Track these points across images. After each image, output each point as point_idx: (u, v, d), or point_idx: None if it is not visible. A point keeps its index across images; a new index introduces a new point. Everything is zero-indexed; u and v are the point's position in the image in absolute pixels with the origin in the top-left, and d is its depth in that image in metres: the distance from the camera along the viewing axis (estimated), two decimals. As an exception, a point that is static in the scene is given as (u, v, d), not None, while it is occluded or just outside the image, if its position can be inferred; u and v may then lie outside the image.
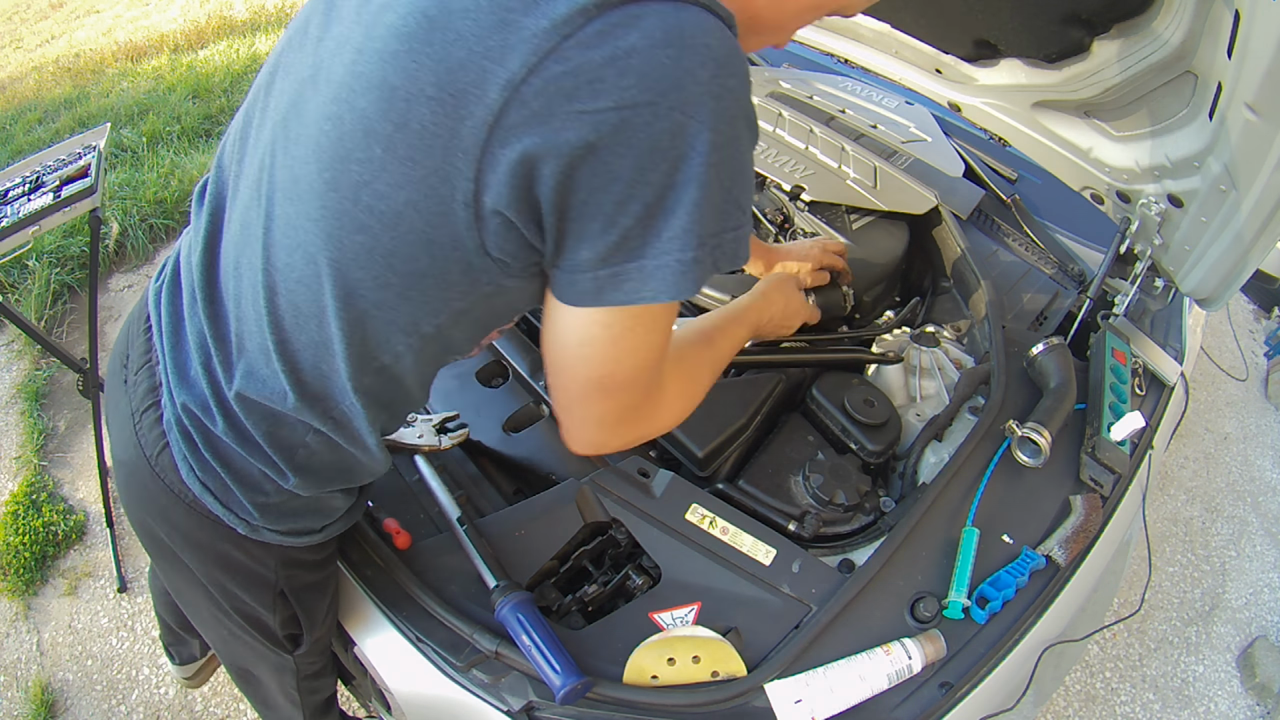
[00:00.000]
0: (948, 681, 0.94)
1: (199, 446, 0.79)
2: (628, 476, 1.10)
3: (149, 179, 3.63)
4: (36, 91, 4.93)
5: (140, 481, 0.85)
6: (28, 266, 3.17)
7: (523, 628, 0.93)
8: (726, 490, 1.12)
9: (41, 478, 2.49)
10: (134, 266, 3.37)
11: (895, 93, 1.79)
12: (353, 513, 0.96)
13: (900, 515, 1.06)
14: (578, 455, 1.07)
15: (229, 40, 5.29)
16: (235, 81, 4.64)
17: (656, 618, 0.99)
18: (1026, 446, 1.12)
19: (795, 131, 1.61)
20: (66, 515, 2.35)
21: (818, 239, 1.33)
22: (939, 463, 1.14)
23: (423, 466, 1.16)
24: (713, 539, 1.03)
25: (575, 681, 0.88)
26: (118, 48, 5.30)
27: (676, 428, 1.14)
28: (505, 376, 1.36)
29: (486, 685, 0.97)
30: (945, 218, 1.49)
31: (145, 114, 4.28)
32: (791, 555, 1.02)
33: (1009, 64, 1.32)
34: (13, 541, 2.23)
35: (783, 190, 1.52)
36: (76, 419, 2.69)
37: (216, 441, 0.79)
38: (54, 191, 1.75)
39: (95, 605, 2.13)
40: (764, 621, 0.97)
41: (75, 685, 1.97)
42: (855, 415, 1.17)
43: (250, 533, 0.84)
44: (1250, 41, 0.85)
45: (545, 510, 1.11)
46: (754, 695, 0.92)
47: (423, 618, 1.02)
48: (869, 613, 0.97)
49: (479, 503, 1.21)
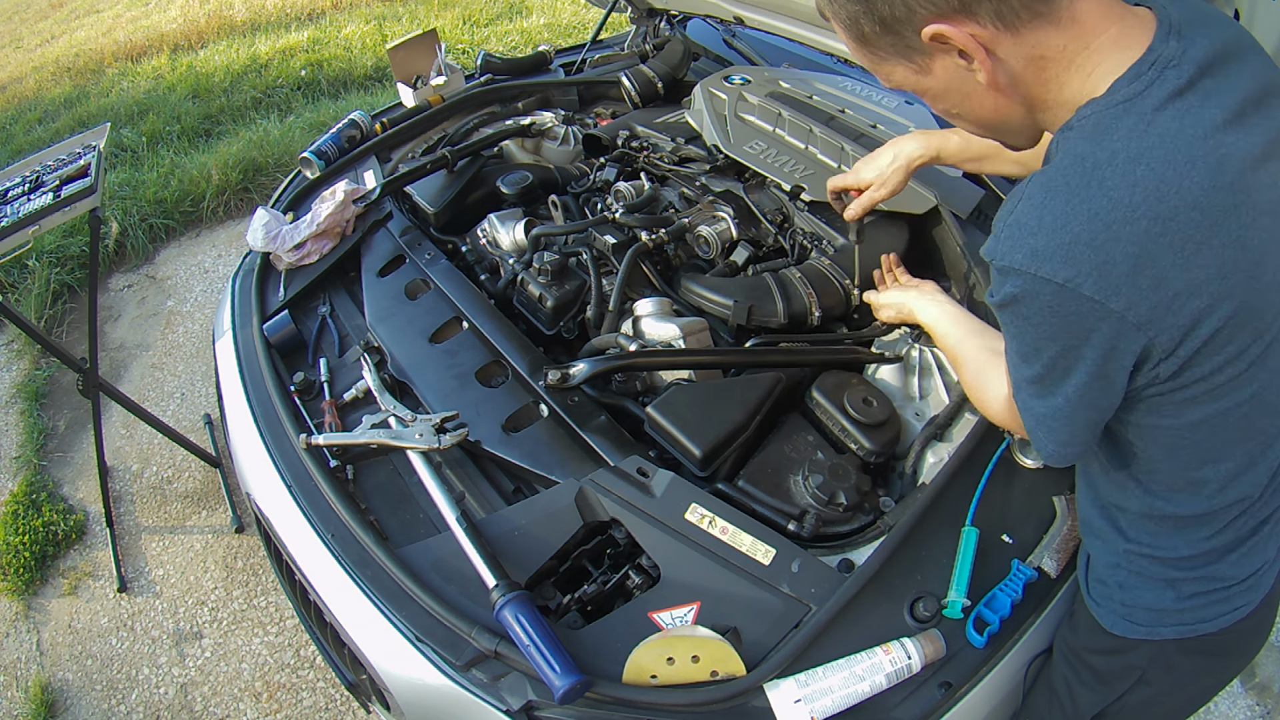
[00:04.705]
0: (948, 681, 0.94)
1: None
2: (627, 476, 1.10)
3: (149, 179, 3.63)
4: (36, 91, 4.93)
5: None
6: (28, 266, 3.17)
7: (522, 627, 0.93)
8: (726, 490, 1.12)
9: (41, 477, 2.49)
10: (134, 266, 3.37)
11: (895, 92, 1.79)
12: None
13: (900, 515, 1.06)
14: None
15: (229, 40, 5.30)
16: (235, 81, 4.64)
17: (656, 617, 0.99)
18: (1026, 448, 1.12)
19: (795, 131, 1.61)
20: (66, 515, 2.35)
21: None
22: (939, 463, 1.14)
23: (422, 466, 1.16)
24: (712, 539, 1.03)
25: (574, 681, 0.88)
26: (117, 47, 5.30)
27: (676, 427, 1.14)
28: (505, 376, 1.36)
29: (486, 684, 0.97)
30: (945, 217, 1.49)
31: (145, 114, 4.28)
32: (791, 555, 1.02)
33: (1009, 64, 1.32)
34: (13, 541, 2.23)
35: (783, 190, 1.52)
36: (76, 419, 2.70)
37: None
38: (54, 191, 1.76)
39: (95, 605, 2.13)
40: (763, 621, 0.97)
41: (75, 685, 1.97)
42: (855, 415, 1.17)
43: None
44: (1250, 41, 0.85)
45: (545, 510, 1.11)
46: (753, 695, 0.92)
47: (422, 617, 1.02)
48: (868, 612, 0.97)
49: (479, 503, 1.21)
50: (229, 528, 2.27)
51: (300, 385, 1.36)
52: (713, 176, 1.61)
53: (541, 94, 2.14)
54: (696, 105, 1.74)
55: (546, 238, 1.53)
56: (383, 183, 1.73)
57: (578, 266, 1.50)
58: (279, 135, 3.90)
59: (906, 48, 0.68)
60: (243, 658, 1.97)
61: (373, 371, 1.34)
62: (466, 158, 1.80)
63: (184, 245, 3.48)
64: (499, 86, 2.10)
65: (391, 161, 1.92)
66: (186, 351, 2.92)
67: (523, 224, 1.61)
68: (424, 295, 1.51)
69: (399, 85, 2.07)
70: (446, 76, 2.09)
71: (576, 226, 1.52)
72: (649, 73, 2.00)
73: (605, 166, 1.77)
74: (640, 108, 1.99)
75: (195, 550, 2.23)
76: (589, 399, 1.27)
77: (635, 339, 1.32)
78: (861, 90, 1.75)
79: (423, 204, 1.73)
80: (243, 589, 2.12)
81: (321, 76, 4.67)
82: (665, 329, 1.32)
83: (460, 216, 1.75)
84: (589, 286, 1.44)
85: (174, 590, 2.14)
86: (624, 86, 2.00)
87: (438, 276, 1.52)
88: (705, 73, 1.92)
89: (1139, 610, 0.87)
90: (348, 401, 1.35)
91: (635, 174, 1.76)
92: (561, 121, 1.98)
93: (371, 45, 4.99)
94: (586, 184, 1.79)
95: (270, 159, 3.76)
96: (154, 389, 2.77)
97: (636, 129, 1.80)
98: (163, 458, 2.50)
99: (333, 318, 1.54)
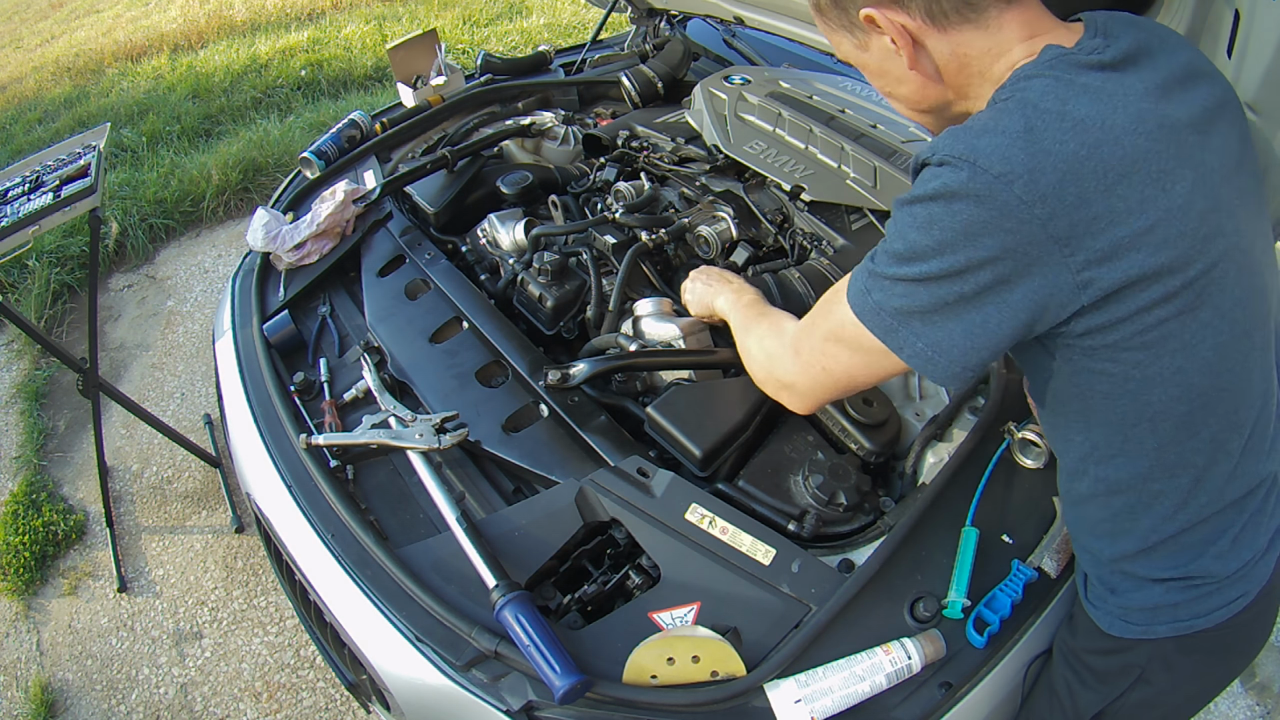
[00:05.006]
0: (948, 681, 0.94)
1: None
2: (627, 476, 1.10)
3: (149, 179, 3.64)
4: (36, 91, 4.94)
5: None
6: (28, 266, 3.17)
7: (522, 627, 0.93)
8: (726, 490, 1.12)
9: (41, 477, 2.49)
10: (134, 266, 3.37)
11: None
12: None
13: (900, 515, 1.06)
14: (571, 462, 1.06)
15: (229, 40, 5.30)
16: (235, 81, 4.64)
17: (656, 617, 0.99)
18: (1027, 449, 1.12)
19: (795, 131, 1.61)
20: (66, 515, 2.35)
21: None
22: (939, 463, 1.14)
23: (422, 466, 1.16)
24: (712, 539, 1.03)
25: (574, 681, 0.88)
26: (117, 47, 5.31)
27: (676, 427, 1.14)
28: (505, 376, 1.36)
29: (486, 685, 0.97)
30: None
31: (145, 114, 4.28)
32: (791, 555, 1.02)
33: (1009, 64, 1.32)
34: (13, 541, 2.23)
35: (783, 190, 1.52)
36: (76, 419, 2.70)
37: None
38: (54, 191, 1.76)
39: (95, 605, 2.13)
40: (764, 621, 0.97)
41: (75, 685, 1.97)
42: (855, 415, 1.17)
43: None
44: (1250, 41, 0.85)
45: (545, 510, 1.11)
46: (753, 695, 0.92)
47: (422, 617, 1.02)
48: (869, 612, 0.97)
49: (479, 503, 1.21)
50: (229, 528, 2.27)
51: (300, 385, 1.36)
52: (713, 176, 1.61)
53: (541, 94, 2.14)
54: (696, 105, 1.74)
55: (546, 238, 1.53)
56: (383, 183, 1.73)
57: (578, 266, 1.50)
58: (279, 135, 3.90)
59: (850, 23, 0.77)
60: (243, 658, 1.97)
61: (373, 371, 1.34)
62: (466, 158, 1.80)
63: (184, 245, 3.48)
64: (499, 86, 2.10)
65: (391, 161, 1.92)
66: (186, 351, 2.92)
67: (523, 224, 1.61)
68: (424, 295, 1.51)
69: (399, 85, 2.07)
70: (446, 76, 2.09)
71: (576, 226, 1.52)
72: (649, 73, 2.00)
73: (605, 166, 1.77)
74: (640, 108, 1.99)
75: (195, 550, 2.23)
76: (589, 399, 1.27)
77: (635, 339, 1.32)
78: (861, 90, 1.75)
79: (423, 204, 1.74)
80: (243, 589, 2.12)
81: (321, 76, 4.67)
82: (665, 329, 1.32)
83: (460, 216, 1.75)
84: (589, 286, 1.44)
85: (174, 590, 2.14)
86: (624, 86, 2.00)
87: (438, 276, 1.52)
88: (705, 73, 1.92)
89: (1133, 611, 0.87)
90: (348, 401, 1.35)
91: (635, 174, 1.76)
92: (561, 121, 1.98)
93: (371, 45, 5.00)
94: (586, 184, 1.79)
95: (270, 159, 3.76)
96: (154, 389, 2.77)
97: (636, 129, 1.80)
98: (163, 458, 2.50)
99: (333, 318, 1.54)
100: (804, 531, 1.07)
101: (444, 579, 1.06)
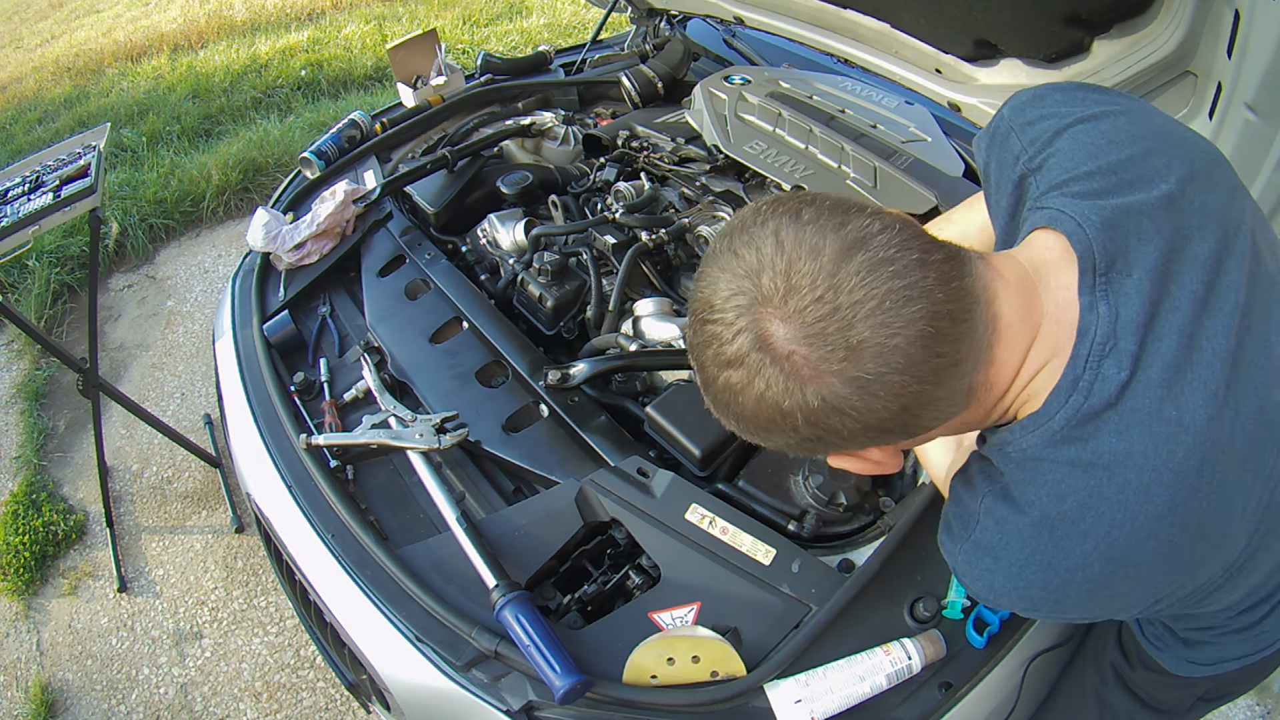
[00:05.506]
0: (948, 681, 0.94)
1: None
2: (627, 476, 1.10)
3: (149, 179, 3.63)
4: (36, 91, 4.93)
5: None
6: (28, 266, 3.17)
7: (522, 627, 0.93)
8: (726, 490, 1.12)
9: (41, 477, 2.49)
10: (134, 266, 3.37)
11: (895, 93, 1.78)
12: None
13: (900, 515, 1.06)
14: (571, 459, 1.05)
15: (229, 40, 5.29)
16: (235, 81, 4.64)
17: (656, 618, 0.99)
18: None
19: (795, 131, 1.61)
20: (66, 515, 2.35)
21: None
22: (939, 463, 1.14)
23: (422, 466, 1.16)
24: (712, 539, 1.03)
25: (574, 681, 0.88)
26: (117, 47, 5.30)
27: (676, 427, 1.14)
28: (505, 376, 1.36)
29: (486, 684, 0.97)
30: (945, 218, 1.49)
31: (145, 114, 4.28)
32: (791, 555, 1.02)
33: (1009, 64, 1.32)
34: (13, 541, 2.23)
35: (782, 190, 1.52)
36: (76, 419, 2.69)
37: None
38: (54, 191, 1.76)
39: (95, 605, 2.13)
40: (764, 621, 0.97)
41: (75, 685, 1.97)
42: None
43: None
44: (1250, 41, 0.85)
45: (545, 510, 1.11)
46: (753, 695, 0.92)
47: (422, 617, 1.02)
48: (869, 613, 0.97)
49: (479, 503, 1.21)
50: (229, 528, 2.27)
51: (300, 385, 1.36)
52: (713, 176, 1.61)
53: (541, 94, 2.14)
54: (696, 105, 1.74)
55: (546, 238, 1.53)
56: (383, 183, 1.73)
57: (578, 266, 1.50)
58: (279, 135, 3.90)
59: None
60: (243, 658, 1.97)
61: (373, 371, 1.34)
62: (466, 158, 1.80)
63: (184, 245, 3.48)
64: (499, 86, 2.10)
65: (391, 161, 1.92)
66: (186, 351, 2.92)
67: (523, 224, 1.61)
68: (424, 295, 1.51)
69: (399, 85, 2.07)
70: (446, 76, 2.09)
71: (576, 226, 1.52)
72: (649, 73, 2.00)
73: (605, 166, 1.77)
74: (640, 108, 1.99)
75: (195, 550, 2.23)
76: (589, 399, 1.27)
77: (635, 339, 1.32)
78: (861, 90, 1.75)
79: (423, 204, 1.74)
80: (243, 589, 2.12)
81: (321, 76, 4.66)
82: (665, 329, 1.32)
83: (460, 216, 1.75)
84: (589, 286, 1.44)
85: (174, 590, 2.14)
86: (624, 86, 2.00)
87: (438, 276, 1.52)
88: (705, 73, 1.92)
89: (1201, 654, 0.87)
90: (348, 401, 1.35)
91: (635, 174, 1.75)
92: (561, 121, 1.98)
93: (371, 45, 4.99)
94: (586, 184, 1.79)
95: (270, 159, 3.75)
96: (154, 389, 2.77)
97: (636, 129, 1.80)
98: (163, 458, 2.50)
99: (333, 318, 1.54)
100: (804, 531, 1.07)
101: (444, 579, 1.06)
